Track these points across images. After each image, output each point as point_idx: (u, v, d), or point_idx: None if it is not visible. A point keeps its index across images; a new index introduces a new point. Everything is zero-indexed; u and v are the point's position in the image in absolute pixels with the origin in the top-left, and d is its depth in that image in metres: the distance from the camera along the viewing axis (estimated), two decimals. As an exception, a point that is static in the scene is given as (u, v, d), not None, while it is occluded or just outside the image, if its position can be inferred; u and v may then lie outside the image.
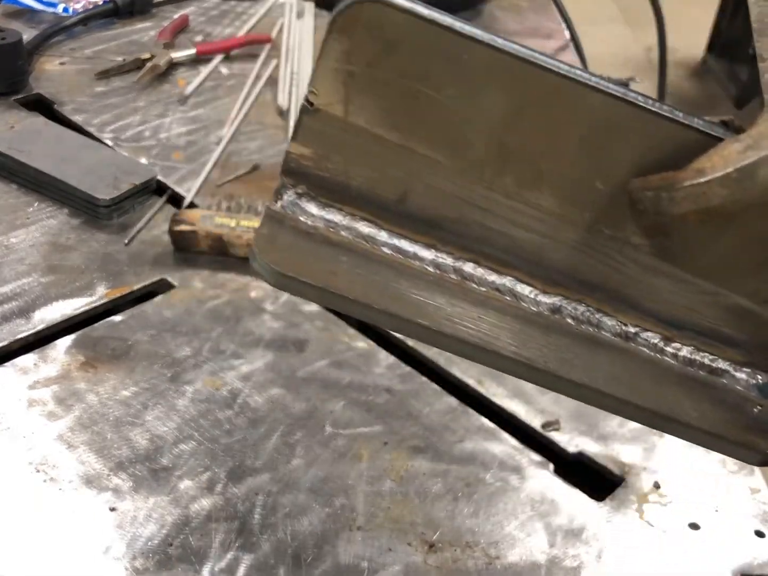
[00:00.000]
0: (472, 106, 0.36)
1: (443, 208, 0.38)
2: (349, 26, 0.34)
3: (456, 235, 0.38)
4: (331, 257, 0.37)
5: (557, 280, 0.39)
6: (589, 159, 0.37)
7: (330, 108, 0.36)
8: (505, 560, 0.53)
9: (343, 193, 0.37)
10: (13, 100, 0.92)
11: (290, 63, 1.03)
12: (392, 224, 0.37)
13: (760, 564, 0.54)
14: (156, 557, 0.51)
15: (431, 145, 0.37)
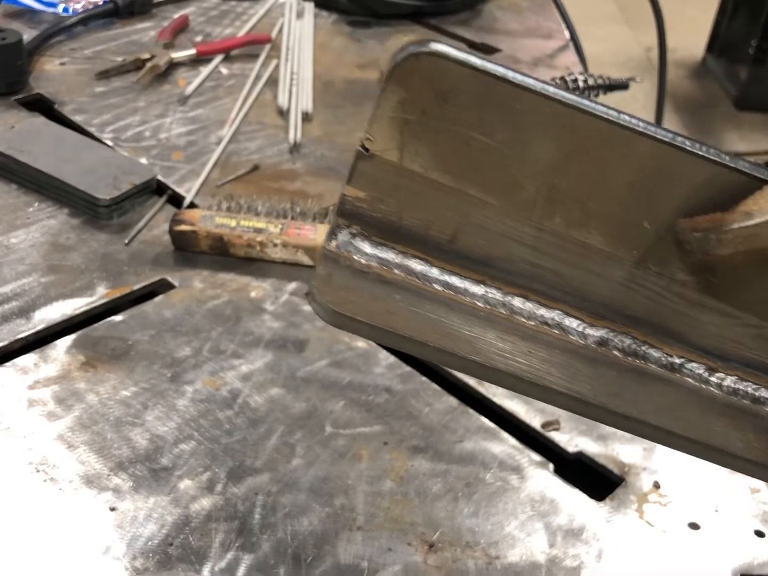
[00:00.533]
0: (524, 151, 0.37)
1: (493, 246, 0.39)
2: (406, 77, 0.36)
3: (505, 272, 0.39)
4: (385, 296, 0.38)
5: (604, 314, 0.40)
6: (637, 200, 0.38)
7: (385, 154, 0.37)
8: (505, 560, 0.53)
9: (396, 233, 0.38)
10: (14, 100, 0.92)
11: (290, 63, 1.04)
12: (443, 261, 0.39)
13: (760, 564, 0.54)
14: (156, 557, 0.51)
15: (483, 188, 0.38)
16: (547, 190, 0.38)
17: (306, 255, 0.73)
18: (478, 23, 1.23)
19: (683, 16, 3.30)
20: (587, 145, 0.37)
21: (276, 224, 0.74)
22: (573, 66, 1.13)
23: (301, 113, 0.95)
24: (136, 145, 0.87)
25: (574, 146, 0.37)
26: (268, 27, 1.13)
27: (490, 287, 0.39)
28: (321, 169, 0.87)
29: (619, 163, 0.38)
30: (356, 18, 1.20)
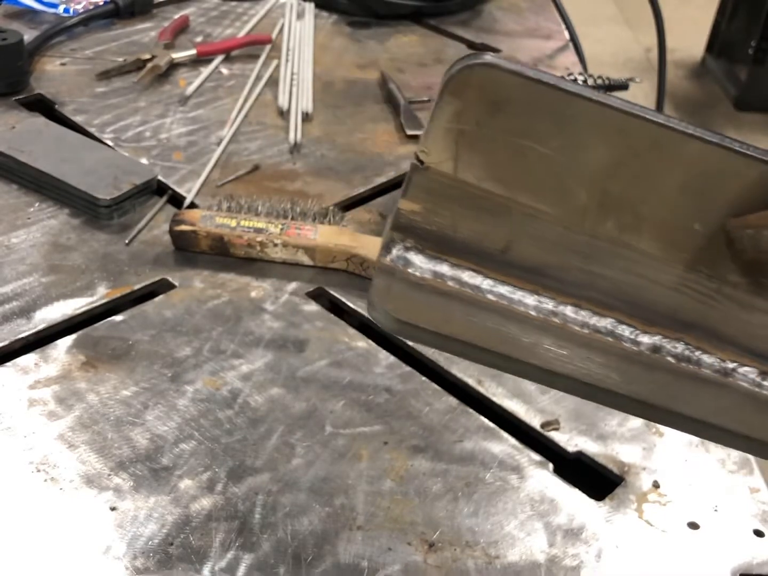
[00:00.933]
0: (576, 157, 0.38)
1: (546, 255, 0.40)
2: (461, 89, 0.37)
3: (557, 281, 0.40)
4: (442, 306, 0.39)
5: (655, 320, 0.41)
6: (687, 202, 0.39)
7: (440, 165, 0.38)
8: (505, 560, 0.53)
9: (450, 245, 0.39)
10: (14, 101, 0.92)
11: (290, 63, 1.04)
12: (496, 272, 0.39)
13: (760, 563, 0.54)
14: (156, 557, 0.51)
15: (536, 196, 0.39)
16: (600, 196, 0.39)
17: (306, 255, 0.73)
18: (478, 24, 1.23)
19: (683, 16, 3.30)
20: (637, 149, 0.38)
21: (276, 224, 0.74)
22: (573, 66, 1.13)
23: (302, 113, 0.95)
24: (136, 146, 0.87)
25: (624, 150, 0.38)
26: (269, 27, 1.13)
27: (543, 297, 0.40)
28: (321, 170, 0.87)
29: (669, 165, 0.38)
30: (356, 18, 1.20)
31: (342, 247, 0.73)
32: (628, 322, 0.40)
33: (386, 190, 0.86)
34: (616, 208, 0.39)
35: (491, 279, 0.39)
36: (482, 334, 0.40)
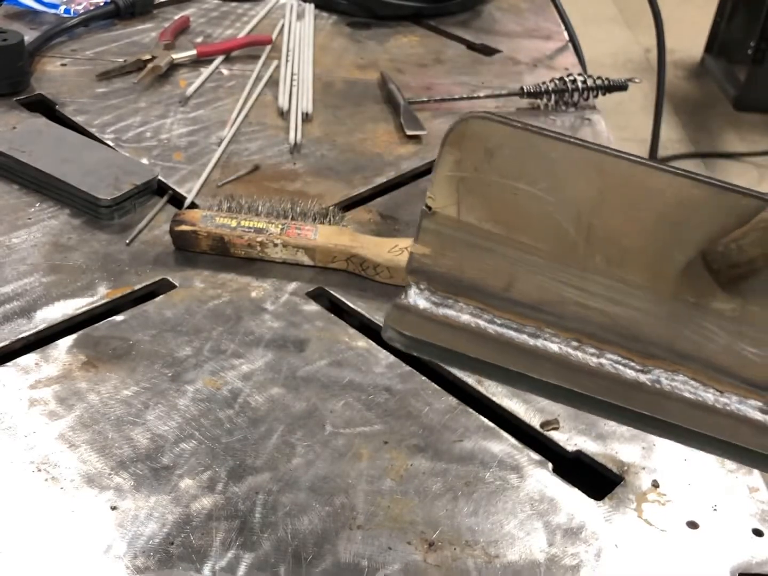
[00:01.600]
0: (562, 196, 0.42)
1: (544, 291, 0.43)
2: (459, 139, 0.42)
3: (557, 317, 0.43)
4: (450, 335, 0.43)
5: (654, 353, 0.43)
6: (665, 232, 0.42)
7: (445, 210, 0.42)
8: (505, 559, 0.53)
9: (458, 285, 0.43)
10: (15, 101, 0.92)
11: (290, 64, 1.04)
12: (501, 310, 0.43)
13: (759, 563, 0.54)
14: (157, 556, 0.51)
15: (530, 234, 0.43)
16: (586, 231, 0.42)
17: (306, 255, 0.74)
18: (478, 24, 1.23)
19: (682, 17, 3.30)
20: (614, 184, 0.42)
21: (276, 224, 0.74)
22: (572, 67, 1.13)
23: (302, 114, 0.96)
24: (137, 146, 0.88)
25: (603, 186, 0.42)
26: (269, 28, 1.14)
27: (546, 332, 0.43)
28: (321, 170, 0.88)
29: (644, 198, 0.42)
30: (356, 19, 1.20)
31: (342, 247, 0.73)
32: (628, 356, 0.43)
33: (386, 190, 0.86)
34: (602, 242, 0.42)
35: (497, 319, 0.43)
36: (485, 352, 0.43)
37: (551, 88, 1.01)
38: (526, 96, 1.02)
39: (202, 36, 1.11)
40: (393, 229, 0.80)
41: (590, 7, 3.41)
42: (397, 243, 0.74)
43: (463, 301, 0.42)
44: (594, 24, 3.31)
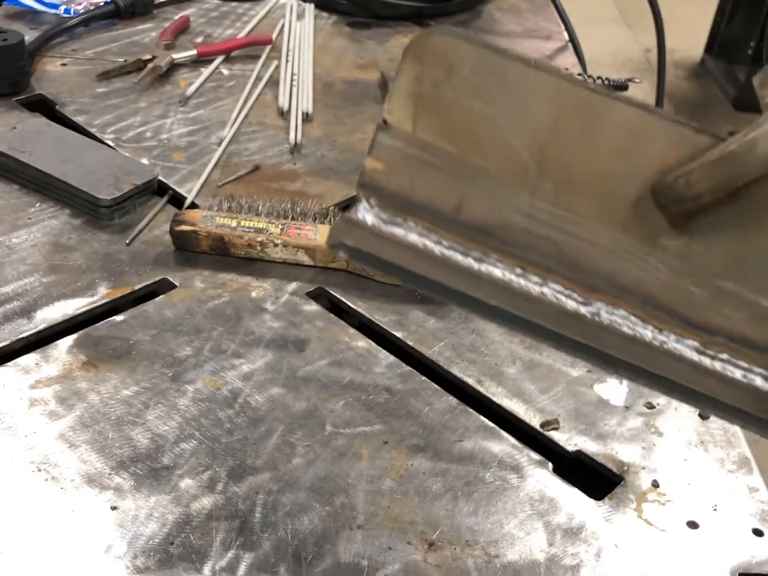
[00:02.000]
0: (517, 117, 0.42)
1: (492, 216, 0.42)
2: (420, 54, 0.41)
3: (504, 242, 0.42)
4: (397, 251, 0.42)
5: (596, 285, 0.42)
6: (617, 163, 0.42)
7: (401, 125, 0.42)
8: (505, 559, 0.53)
9: (408, 204, 0.42)
10: (15, 101, 0.92)
11: (291, 64, 1.04)
12: (449, 232, 0.42)
13: (759, 562, 0.54)
14: (157, 556, 0.51)
15: (483, 155, 0.42)
16: (539, 156, 0.42)
17: (306, 255, 0.74)
18: (478, 24, 1.23)
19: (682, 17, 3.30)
20: (571, 111, 0.42)
21: (276, 224, 0.74)
22: (572, 67, 1.13)
23: (302, 114, 0.96)
24: (137, 146, 0.88)
25: (560, 112, 0.42)
26: (269, 28, 1.14)
27: (491, 257, 0.42)
28: (321, 170, 0.88)
29: (598, 127, 0.42)
30: (356, 19, 1.20)
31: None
32: (569, 287, 0.42)
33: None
34: (554, 168, 0.42)
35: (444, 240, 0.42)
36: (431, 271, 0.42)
37: (551, 88, 1.01)
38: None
39: (202, 36, 1.11)
40: (393, 229, 0.80)
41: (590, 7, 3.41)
42: (397, 243, 0.74)
43: (411, 220, 0.41)
44: (594, 24, 3.31)
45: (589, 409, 0.63)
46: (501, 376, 0.65)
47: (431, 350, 0.67)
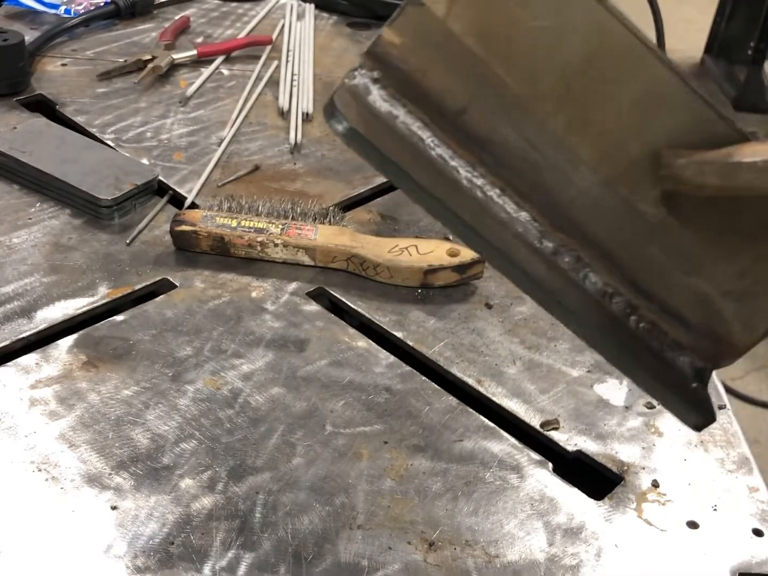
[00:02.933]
0: (556, 42, 0.40)
1: (494, 130, 0.41)
2: None
3: (495, 159, 0.42)
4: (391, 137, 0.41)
5: (563, 225, 0.43)
6: (634, 120, 0.42)
7: (434, 6, 0.39)
8: (505, 559, 0.53)
9: (412, 91, 0.40)
10: (15, 101, 0.92)
11: (291, 64, 1.04)
12: (445, 131, 0.41)
13: (759, 562, 0.54)
14: (157, 556, 0.51)
15: (508, 68, 0.40)
16: (562, 89, 0.41)
17: (306, 255, 0.74)
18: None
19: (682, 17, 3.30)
20: (608, 52, 0.41)
21: (277, 224, 0.74)
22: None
23: (302, 114, 0.96)
24: (137, 146, 0.88)
25: (599, 50, 0.41)
26: (269, 28, 1.14)
27: (477, 171, 0.41)
28: (321, 170, 0.88)
29: (631, 78, 0.41)
30: (356, 19, 1.20)
31: (342, 247, 0.73)
32: (540, 221, 0.42)
33: (386, 190, 0.86)
34: (572, 105, 0.41)
35: (437, 137, 0.41)
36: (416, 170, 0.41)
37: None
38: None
39: (203, 36, 1.11)
40: (393, 229, 0.80)
41: (590, 7, 3.40)
42: (397, 243, 0.74)
43: (410, 108, 0.40)
44: (594, 24, 3.30)
45: (589, 409, 0.63)
46: (501, 376, 0.65)
47: (431, 350, 0.67)
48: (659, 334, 0.44)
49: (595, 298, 0.43)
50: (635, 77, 0.41)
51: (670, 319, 0.44)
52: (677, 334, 0.44)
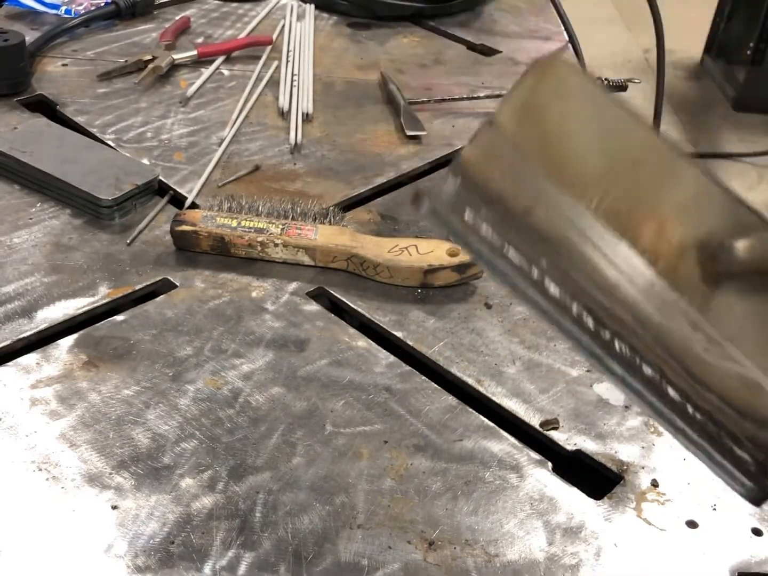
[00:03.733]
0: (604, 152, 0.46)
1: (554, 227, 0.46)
2: (542, 71, 0.46)
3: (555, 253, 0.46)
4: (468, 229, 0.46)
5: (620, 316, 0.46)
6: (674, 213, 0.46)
7: (505, 126, 0.46)
8: (504, 558, 0.53)
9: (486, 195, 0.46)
10: (16, 101, 0.93)
11: (291, 64, 1.04)
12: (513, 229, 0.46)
13: (758, 562, 0.54)
14: (157, 555, 0.51)
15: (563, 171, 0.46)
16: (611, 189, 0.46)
17: (306, 255, 0.74)
18: (478, 25, 1.23)
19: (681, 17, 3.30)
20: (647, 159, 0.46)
21: (277, 224, 0.74)
22: (572, 68, 1.13)
23: (302, 114, 0.96)
24: (137, 146, 0.88)
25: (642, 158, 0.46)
26: (269, 29, 1.14)
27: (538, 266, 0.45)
28: (321, 170, 0.88)
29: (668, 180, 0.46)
30: (356, 20, 1.21)
31: (342, 247, 0.73)
32: (595, 311, 0.45)
33: (386, 190, 0.86)
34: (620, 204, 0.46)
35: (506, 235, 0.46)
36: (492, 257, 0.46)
37: (551, 88, 1.01)
38: (526, 96, 1.02)
39: (203, 36, 1.11)
40: (393, 229, 0.80)
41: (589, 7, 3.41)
42: (397, 243, 0.74)
43: (485, 209, 0.46)
44: (593, 25, 3.31)
45: (588, 409, 0.63)
46: (501, 376, 0.65)
47: (431, 350, 0.67)
48: (716, 425, 0.45)
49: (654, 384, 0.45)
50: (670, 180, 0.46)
51: (726, 408, 0.45)
52: (734, 425, 0.45)
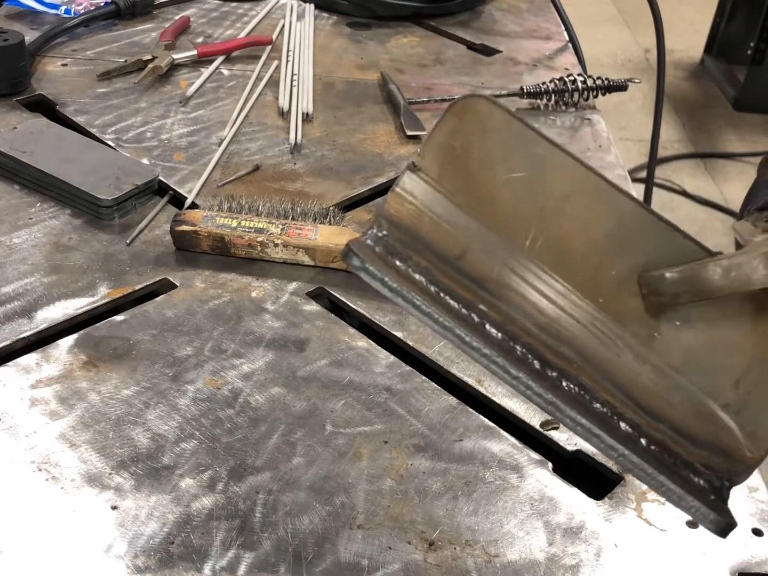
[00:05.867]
0: (532, 187, 0.46)
1: (489, 269, 0.46)
2: (462, 112, 0.45)
3: (494, 296, 0.46)
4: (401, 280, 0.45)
5: (564, 353, 0.46)
6: (610, 248, 0.46)
7: (428, 170, 0.45)
8: (505, 558, 0.53)
9: (416, 242, 0.45)
10: (16, 101, 0.93)
11: (291, 64, 1.04)
12: (446, 276, 0.45)
13: (758, 562, 0.54)
14: (157, 555, 0.51)
15: (494, 214, 0.46)
16: (542, 224, 0.46)
17: (306, 255, 0.74)
18: (478, 25, 1.23)
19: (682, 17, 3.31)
20: (579, 191, 0.46)
21: (277, 224, 0.74)
22: (572, 67, 1.13)
23: (302, 114, 0.96)
24: (137, 146, 0.88)
25: (570, 189, 0.46)
26: (269, 29, 1.14)
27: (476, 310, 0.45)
28: (321, 170, 0.88)
29: (601, 211, 0.46)
30: (356, 20, 1.21)
31: (342, 247, 0.73)
32: (540, 351, 0.45)
33: (386, 190, 0.86)
34: (554, 241, 0.46)
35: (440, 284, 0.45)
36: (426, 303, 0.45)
37: (551, 88, 1.01)
38: (526, 96, 1.02)
39: (203, 36, 1.11)
40: (393, 229, 0.80)
41: (590, 7, 3.41)
42: (397, 243, 0.74)
43: (416, 257, 0.45)
44: (593, 24, 3.32)
45: (588, 409, 0.63)
46: (501, 376, 0.65)
47: (431, 350, 0.67)
48: (670, 455, 0.45)
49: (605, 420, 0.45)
50: (604, 211, 0.46)
51: (679, 438, 0.45)
52: (688, 453, 0.45)
